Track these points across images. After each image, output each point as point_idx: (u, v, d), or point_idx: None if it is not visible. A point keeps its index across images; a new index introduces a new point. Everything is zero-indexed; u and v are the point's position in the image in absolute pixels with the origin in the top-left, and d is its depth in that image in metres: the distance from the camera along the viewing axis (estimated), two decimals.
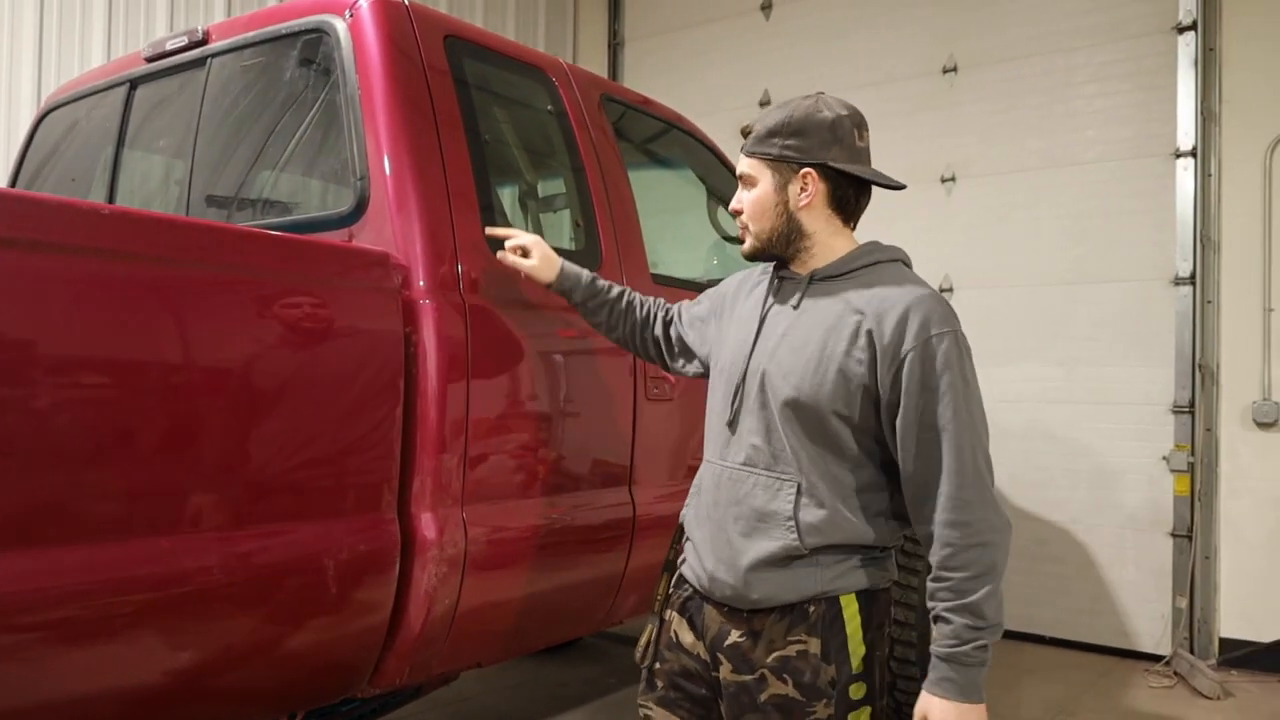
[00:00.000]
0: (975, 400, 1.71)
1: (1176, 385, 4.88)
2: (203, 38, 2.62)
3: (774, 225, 1.80)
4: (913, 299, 1.68)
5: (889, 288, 1.71)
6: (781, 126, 1.78)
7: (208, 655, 1.84)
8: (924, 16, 5.65)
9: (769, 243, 1.82)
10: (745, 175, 1.83)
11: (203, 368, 1.80)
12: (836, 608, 1.72)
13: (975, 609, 1.61)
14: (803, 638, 1.71)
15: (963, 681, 1.63)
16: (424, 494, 2.13)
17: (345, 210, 2.26)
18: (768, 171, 1.79)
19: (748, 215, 1.82)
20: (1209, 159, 4.85)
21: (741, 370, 1.79)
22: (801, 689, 1.70)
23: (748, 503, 1.74)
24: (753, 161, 1.82)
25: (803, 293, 1.78)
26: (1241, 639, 4.73)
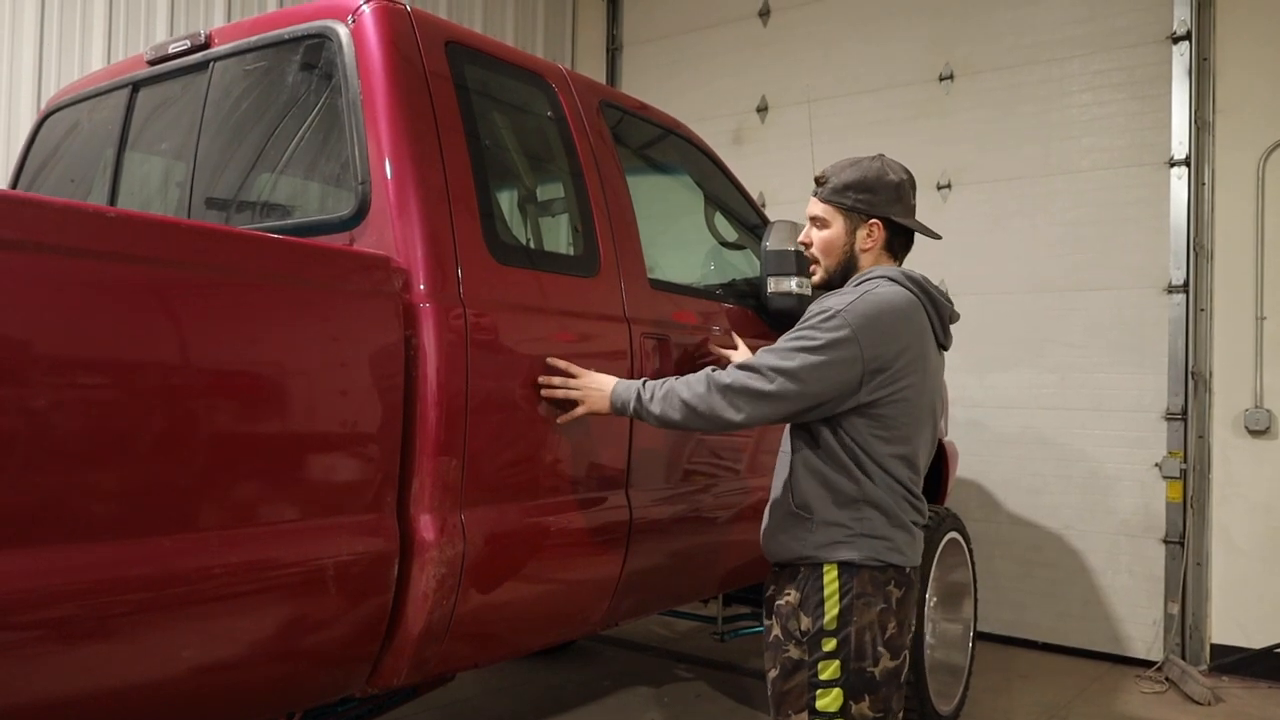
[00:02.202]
0: (796, 350, 2.07)
1: (1169, 392, 4.91)
2: (205, 41, 2.64)
3: (839, 260, 2.26)
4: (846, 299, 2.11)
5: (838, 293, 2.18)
6: (857, 183, 2.22)
7: (206, 655, 1.85)
8: (920, 24, 5.68)
9: (833, 274, 2.28)
10: (819, 217, 2.27)
11: (204, 369, 1.82)
12: (819, 572, 2.13)
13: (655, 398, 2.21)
14: (790, 590, 2.17)
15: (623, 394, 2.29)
16: (423, 496, 2.14)
17: (346, 214, 2.27)
18: (840, 217, 2.25)
19: (819, 250, 2.28)
20: (1202, 168, 4.89)
21: None
22: (784, 632, 2.17)
23: (777, 476, 2.28)
24: (827, 207, 2.26)
25: None
26: (1233, 645, 4.76)
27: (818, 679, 2.08)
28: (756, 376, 2.09)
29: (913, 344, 2.12)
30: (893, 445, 2.12)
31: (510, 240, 2.60)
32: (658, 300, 2.89)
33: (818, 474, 2.15)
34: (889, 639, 2.10)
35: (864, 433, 2.11)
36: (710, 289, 3.31)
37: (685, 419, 2.17)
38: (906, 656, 2.17)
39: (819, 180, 2.27)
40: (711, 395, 2.13)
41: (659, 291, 2.91)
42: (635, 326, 2.74)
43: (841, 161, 2.28)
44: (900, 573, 2.15)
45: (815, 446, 2.17)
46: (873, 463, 2.11)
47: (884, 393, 2.09)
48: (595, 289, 2.67)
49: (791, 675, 2.12)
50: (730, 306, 3.23)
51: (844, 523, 2.12)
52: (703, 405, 2.13)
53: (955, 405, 4.90)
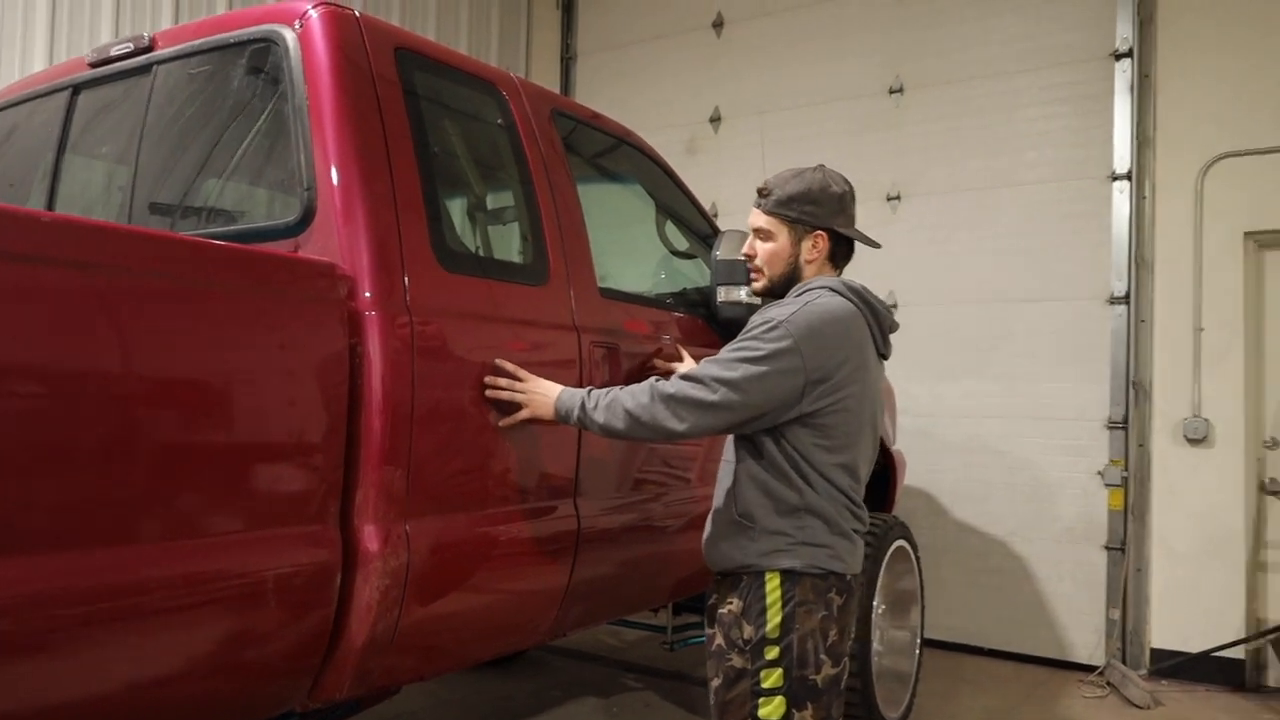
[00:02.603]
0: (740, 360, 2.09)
1: (1111, 401, 5.01)
2: (149, 44, 2.59)
3: (783, 271, 2.27)
4: (788, 309, 2.13)
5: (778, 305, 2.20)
6: (801, 195, 2.23)
7: (142, 670, 1.81)
8: (871, 38, 5.76)
9: (776, 284, 2.29)
10: (763, 229, 2.28)
11: (143, 378, 1.78)
12: (761, 580, 2.14)
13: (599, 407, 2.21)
14: (732, 599, 2.18)
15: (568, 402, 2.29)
16: (367, 506, 2.12)
17: (291, 220, 2.24)
18: (785, 229, 2.26)
19: (763, 261, 2.29)
20: (1143, 182, 5.01)
21: None
22: (727, 641, 2.16)
23: (722, 485, 2.28)
24: (772, 219, 2.27)
25: None
26: (1171, 649, 4.87)
27: (760, 687, 2.09)
28: (699, 387, 2.10)
29: (854, 354, 2.15)
30: (834, 454, 2.15)
31: (458, 248, 2.59)
32: (608, 309, 2.89)
33: (760, 483, 2.17)
34: (830, 646, 2.12)
35: (806, 442, 2.13)
36: (661, 298, 3.32)
37: (628, 428, 2.17)
38: (847, 663, 2.20)
39: (762, 192, 2.28)
40: (655, 405, 2.14)
41: (609, 300, 2.91)
42: (585, 335, 2.74)
43: (784, 173, 2.28)
44: (841, 580, 2.17)
45: (758, 456, 2.18)
46: (814, 471, 2.13)
47: (825, 402, 2.11)
48: (544, 297, 2.67)
49: (734, 684, 2.13)
50: (680, 315, 3.24)
51: (786, 531, 2.14)
52: (646, 415, 2.14)
53: (904, 414, 4.96)
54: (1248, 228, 4.82)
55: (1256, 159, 4.75)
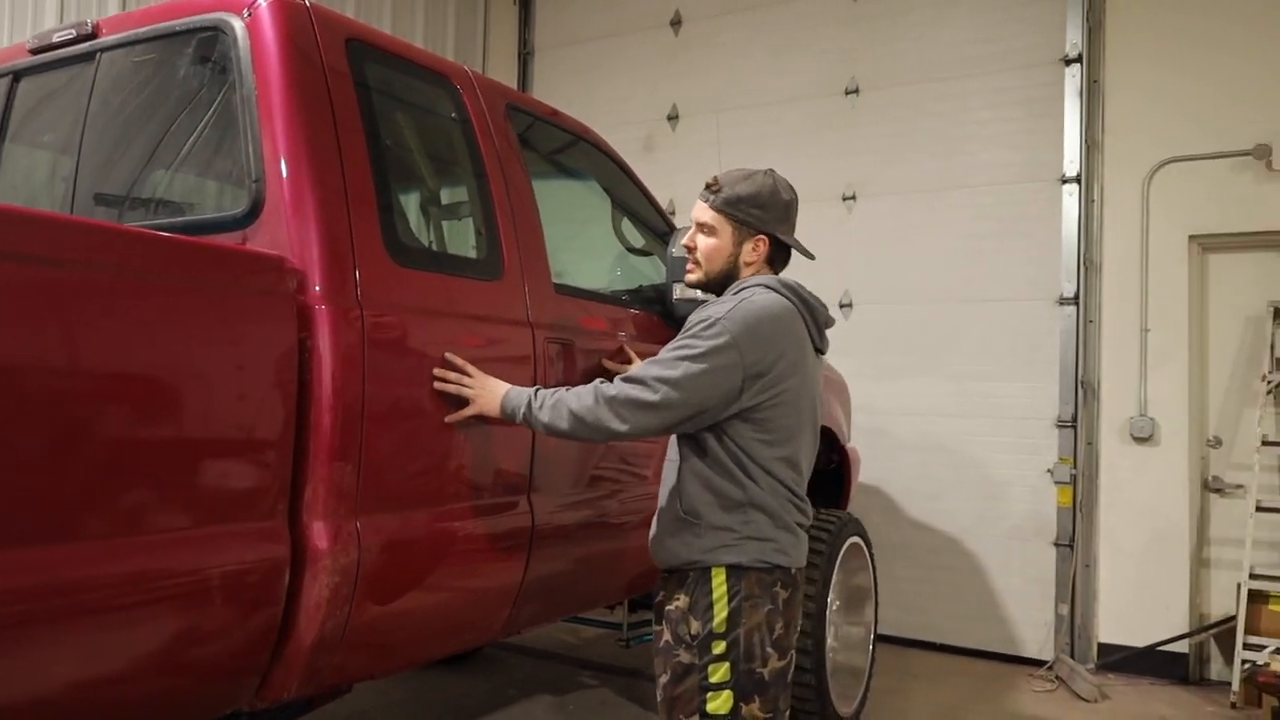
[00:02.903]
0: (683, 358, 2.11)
1: (1061, 400, 5.10)
2: (92, 31, 2.54)
3: (721, 269, 2.29)
4: (725, 307, 2.16)
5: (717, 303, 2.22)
6: (751, 198, 2.24)
7: (85, 669, 1.77)
8: (828, 39, 5.80)
9: (712, 280, 2.31)
10: (708, 225, 2.28)
11: (87, 372, 1.74)
12: (707, 575, 2.16)
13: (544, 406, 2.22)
14: (679, 595, 2.20)
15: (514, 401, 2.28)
16: (317, 503, 2.09)
17: (240, 212, 2.21)
18: (729, 227, 2.27)
19: (703, 255, 2.30)
20: (1092, 185, 5.10)
21: None
22: (674, 636, 2.19)
23: (667, 484, 2.29)
24: (718, 216, 2.27)
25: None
26: (1118, 644, 4.96)
27: (708, 682, 2.11)
28: (641, 387, 2.12)
29: (790, 349, 2.19)
30: (775, 448, 2.17)
31: (411, 242, 2.56)
32: (562, 305, 2.88)
33: (704, 479, 2.19)
34: (776, 639, 2.15)
35: (747, 437, 2.15)
36: (616, 294, 3.31)
37: (572, 428, 2.18)
38: (793, 656, 2.22)
39: (711, 187, 2.28)
40: (599, 406, 2.15)
41: (564, 296, 2.90)
42: (539, 331, 2.73)
43: (735, 172, 2.29)
44: (786, 574, 2.20)
45: (701, 453, 2.20)
46: (756, 466, 2.16)
47: (764, 397, 2.14)
48: (498, 293, 2.65)
49: (682, 679, 2.15)
50: (636, 312, 3.24)
51: (731, 526, 2.16)
52: (589, 416, 2.15)
53: (859, 412, 5.00)
54: (1193, 231, 4.92)
55: (1202, 164, 4.85)
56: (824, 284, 5.68)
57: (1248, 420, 4.83)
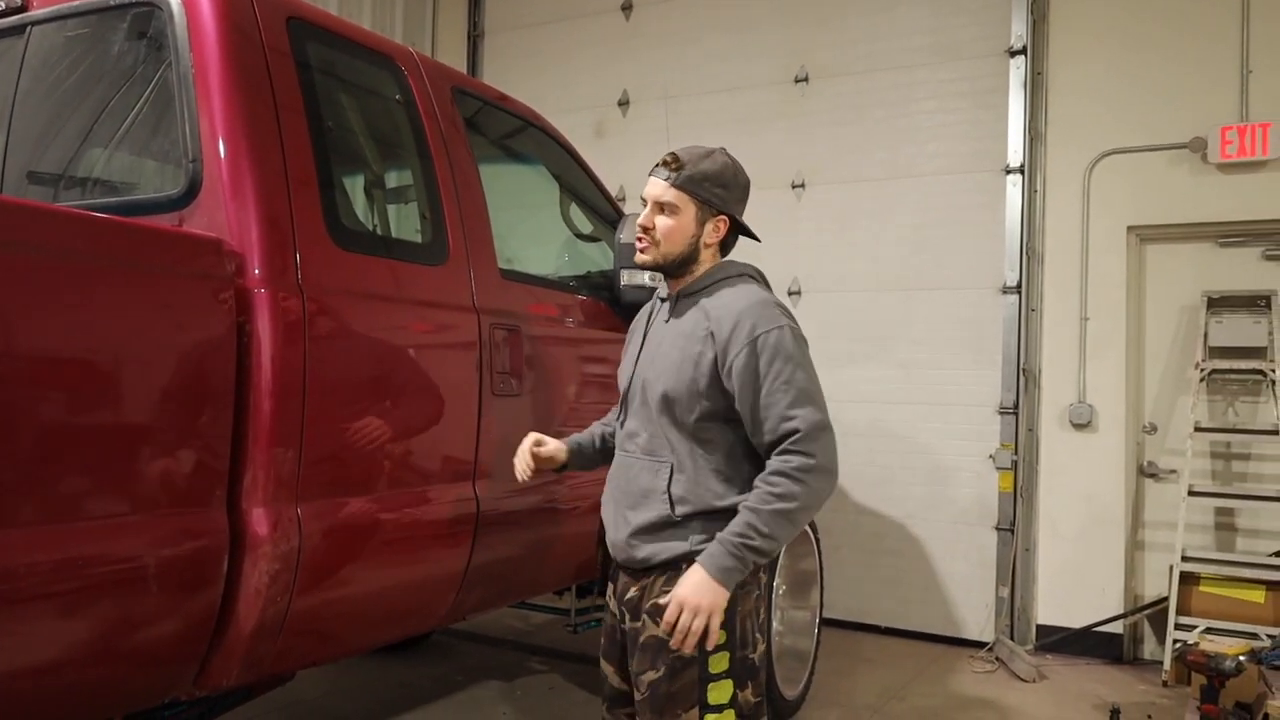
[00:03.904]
0: (806, 374, 2.05)
1: (1003, 387, 5.18)
2: (21, 4, 2.47)
3: (681, 251, 2.15)
4: (743, 307, 2.07)
5: (729, 298, 2.10)
6: (715, 176, 2.14)
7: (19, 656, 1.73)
8: (777, 26, 5.81)
9: (669, 262, 2.16)
10: (670, 204, 2.13)
11: (16, 355, 1.70)
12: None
13: (762, 518, 1.96)
14: (669, 589, 2.02)
15: (720, 562, 1.95)
16: (255, 488, 2.06)
17: (176, 193, 2.17)
18: (692, 207, 2.14)
19: (662, 235, 2.14)
20: (1035, 176, 5.18)
21: (629, 378, 2.23)
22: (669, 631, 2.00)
23: (636, 482, 2.14)
24: (680, 194, 2.13)
25: (671, 309, 2.19)
26: (1056, 625, 5.07)
27: (708, 673, 2.03)
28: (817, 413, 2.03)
29: None
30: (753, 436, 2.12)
31: (354, 225, 2.53)
32: (509, 291, 2.87)
33: (703, 472, 2.07)
34: (761, 624, 2.13)
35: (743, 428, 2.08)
36: (564, 280, 3.31)
37: (804, 520, 2.02)
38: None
39: (670, 164, 2.14)
40: (805, 482, 1.97)
41: (511, 282, 2.89)
42: (485, 317, 2.71)
43: (695, 150, 2.18)
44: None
45: (709, 446, 2.08)
46: (748, 455, 2.10)
47: None
48: (443, 277, 2.63)
49: (680, 673, 2.03)
50: (584, 298, 3.24)
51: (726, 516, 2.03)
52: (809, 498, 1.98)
53: None
54: (1131, 221, 5.02)
55: (1140, 155, 4.95)
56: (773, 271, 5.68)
57: (1182, 407, 4.96)
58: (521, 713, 3.98)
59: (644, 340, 2.22)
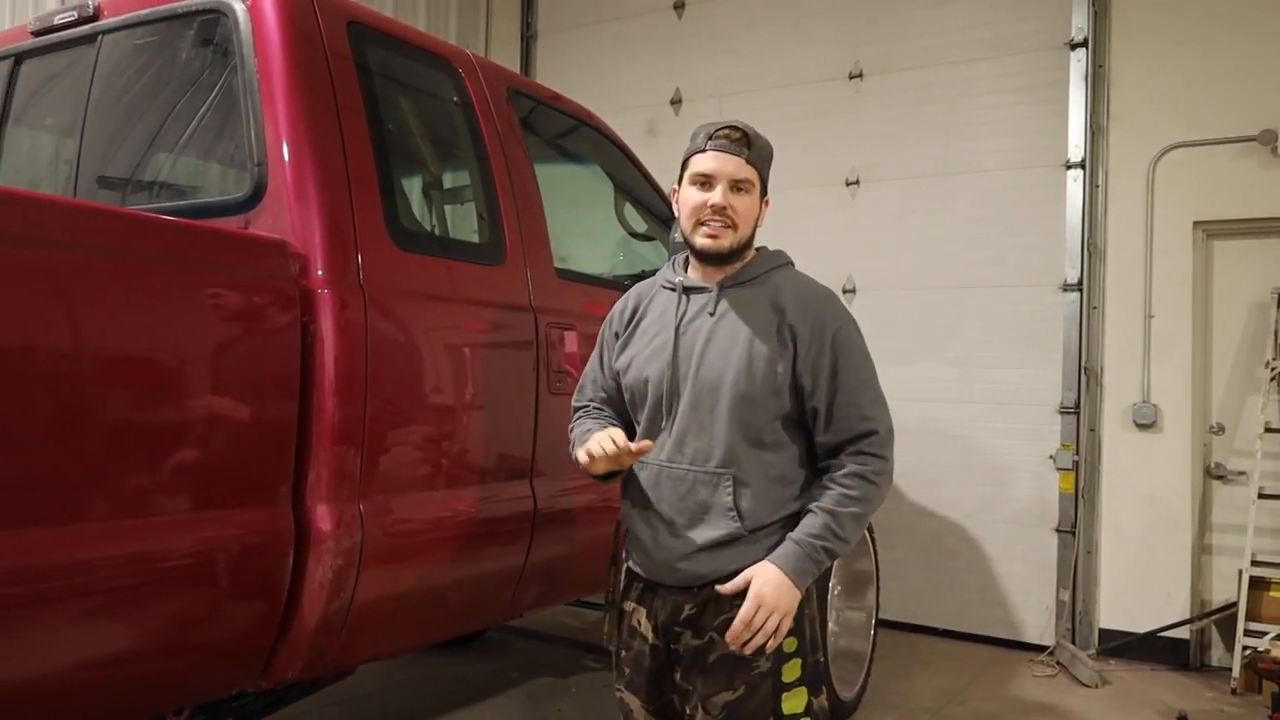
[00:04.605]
0: (874, 374, 2.00)
1: (1064, 387, 5.09)
2: (94, 13, 2.54)
3: (750, 234, 1.98)
4: (817, 298, 1.97)
5: (796, 288, 1.98)
6: (770, 154, 2.00)
7: (94, 648, 1.78)
8: (832, 22, 5.76)
9: (739, 247, 1.97)
10: (745, 181, 1.94)
11: (92, 356, 1.75)
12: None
13: (840, 520, 1.88)
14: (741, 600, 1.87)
15: (798, 564, 1.86)
16: (319, 486, 2.10)
17: (242, 196, 2.21)
18: (758, 185, 1.97)
19: (740, 217, 1.94)
20: (1097, 171, 5.07)
21: (669, 378, 1.96)
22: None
23: (692, 497, 1.93)
24: (753, 171, 1.95)
25: (717, 299, 1.97)
26: (1119, 630, 4.96)
27: (782, 683, 1.92)
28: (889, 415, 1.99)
29: None
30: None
31: (413, 226, 2.56)
32: (565, 290, 2.88)
33: (769, 482, 1.93)
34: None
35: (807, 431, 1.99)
36: (619, 279, 3.31)
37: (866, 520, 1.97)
38: None
39: (735, 137, 1.95)
40: (882, 480, 1.95)
41: (566, 281, 2.90)
42: (541, 316, 2.73)
43: (742, 122, 2.02)
44: None
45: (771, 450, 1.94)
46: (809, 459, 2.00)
47: None
48: (500, 277, 2.65)
49: (757, 689, 1.91)
50: None
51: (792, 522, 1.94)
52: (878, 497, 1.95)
53: None
54: (1197, 217, 4.90)
55: (1207, 149, 4.82)
56: (827, 270, 5.68)
57: (1251, 407, 4.82)
58: (578, 710, 4.00)
59: (678, 333, 1.97)
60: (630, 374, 2.03)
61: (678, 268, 2.07)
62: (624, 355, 2.07)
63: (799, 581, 1.86)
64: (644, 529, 1.99)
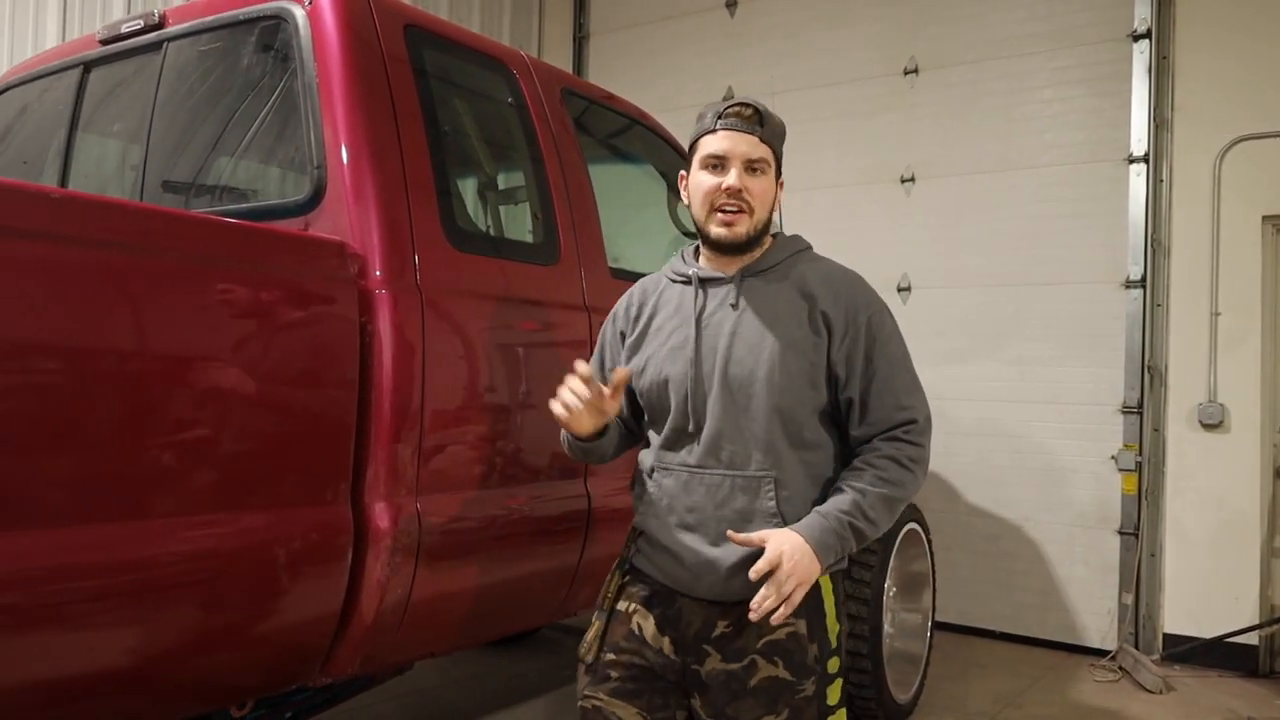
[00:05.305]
0: (909, 359, 1.86)
1: (1126, 386, 4.98)
2: (159, 21, 2.60)
3: (768, 218, 1.84)
4: (850, 282, 1.85)
5: (824, 274, 1.85)
6: (784, 128, 1.86)
7: (158, 643, 1.83)
8: (885, 18, 5.70)
9: (757, 232, 1.82)
10: (762, 161, 1.80)
11: (155, 355, 1.79)
12: (817, 589, 1.78)
13: (870, 500, 1.75)
14: (790, 620, 1.74)
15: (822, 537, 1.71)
16: (378, 484, 2.13)
17: (302, 198, 2.25)
18: (773, 165, 1.83)
19: (758, 200, 1.80)
20: (1160, 165, 4.95)
21: (692, 376, 1.80)
22: (792, 669, 1.76)
23: (730, 505, 1.77)
24: (769, 151, 1.81)
25: (738, 290, 1.83)
26: (1184, 634, 4.84)
27: (827, 704, 1.79)
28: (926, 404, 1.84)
29: None
30: None
31: (468, 227, 2.59)
32: (619, 289, 2.87)
33: (810, 482, 1.81)
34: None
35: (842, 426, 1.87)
36: None
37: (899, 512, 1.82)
38: None
39: (746, 115, 1.79)
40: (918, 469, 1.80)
41: (621, 281, 2.90)
42: (596, 316, 2.73)
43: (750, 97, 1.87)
44: None
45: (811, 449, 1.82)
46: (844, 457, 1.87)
47: None
48: (555, 277, 2.66)
49: (803, 714, 1.77)
50: None
51: None
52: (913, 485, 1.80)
53: None
54: (1266, 211, 4.76)
55: (1276, 141, 4.68)
56: (881, 267, 5.65)
57: None
58: None
59: (698, 331, 1.82)
60: (647, 377, 1.87)
61: (689, 258, 1.91)
62: (637, 357, 1.90)
63: (821, 555, 1.69)
64: (674, 538, 1.82)
